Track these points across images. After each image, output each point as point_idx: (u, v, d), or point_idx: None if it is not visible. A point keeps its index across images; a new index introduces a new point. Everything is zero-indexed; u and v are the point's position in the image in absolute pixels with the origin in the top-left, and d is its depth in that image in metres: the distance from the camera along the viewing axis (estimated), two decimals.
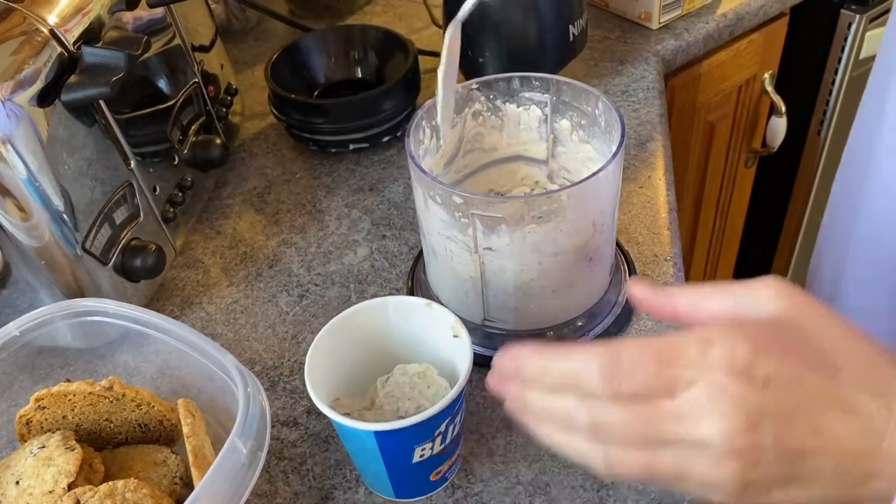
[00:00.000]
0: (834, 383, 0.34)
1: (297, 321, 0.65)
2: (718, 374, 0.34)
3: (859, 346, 0.36)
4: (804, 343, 0.35)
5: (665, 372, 0.34)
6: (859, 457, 0.34)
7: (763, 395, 0.33)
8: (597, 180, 0.51)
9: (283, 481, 0.54)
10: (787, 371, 0.34)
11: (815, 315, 0.37)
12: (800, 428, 0.34)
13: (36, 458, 0.48)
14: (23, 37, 0.54)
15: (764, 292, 0.37)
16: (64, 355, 0.58)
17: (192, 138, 0.73)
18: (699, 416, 0.34)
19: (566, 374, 0.36)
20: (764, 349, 0.34)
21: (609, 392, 0.35)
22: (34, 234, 0.56)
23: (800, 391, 0.34)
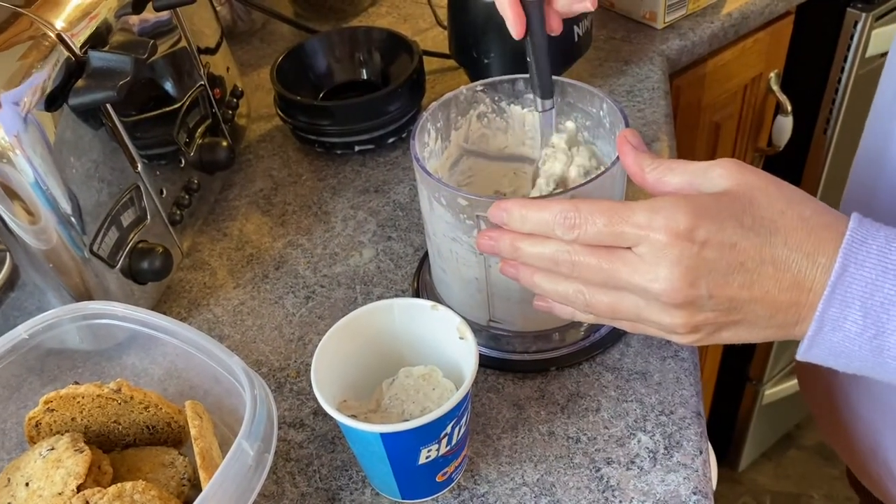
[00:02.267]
0: (768, 244, 0.40)
1: (304, 323, 0.66)
2: (660, 235, 0.40)
3: (801, 212, 0.41)
4: (746, 211, 0.41)
5: (615, 227, 0.42)
6: (789, 305, 0.41)
7: (699, 255, 0.40)
8: (602, 182, 0.51)
9: (289, 482, 0.54)
10: (722, 235, 0.40)
11: (763, 187, 0.42)
12: (734, 283, 0.41)
13: (45, 460, 0.48)
14: (30, 41, 0.54)
15: (718, 170, 0.43)
16: (72, 357, 0.58)
17: (198, 141, 0.73)
18: (647, 270, 0.41)
19: (539, 222, 0.44)
20: (703, 216, 0.40)
21: (571, 237, 0.43)
22: (42, 237, 0.56)
23: (734, 252, 0.40)
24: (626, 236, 0.42)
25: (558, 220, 0.43)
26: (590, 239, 0.43)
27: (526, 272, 0.48)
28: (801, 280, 0.40)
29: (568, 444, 0.54)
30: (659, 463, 0.52)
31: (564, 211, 0.43)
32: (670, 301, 0.41)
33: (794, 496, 1.70)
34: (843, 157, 1.27)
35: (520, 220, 0.45)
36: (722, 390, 1.58)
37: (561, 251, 0.44)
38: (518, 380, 0.59)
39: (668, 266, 0.41)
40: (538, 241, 0.45)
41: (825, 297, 0.40)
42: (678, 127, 1.01)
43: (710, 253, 0.40)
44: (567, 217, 0.43)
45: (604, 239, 0.42)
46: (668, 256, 0.40)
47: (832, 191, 1.32)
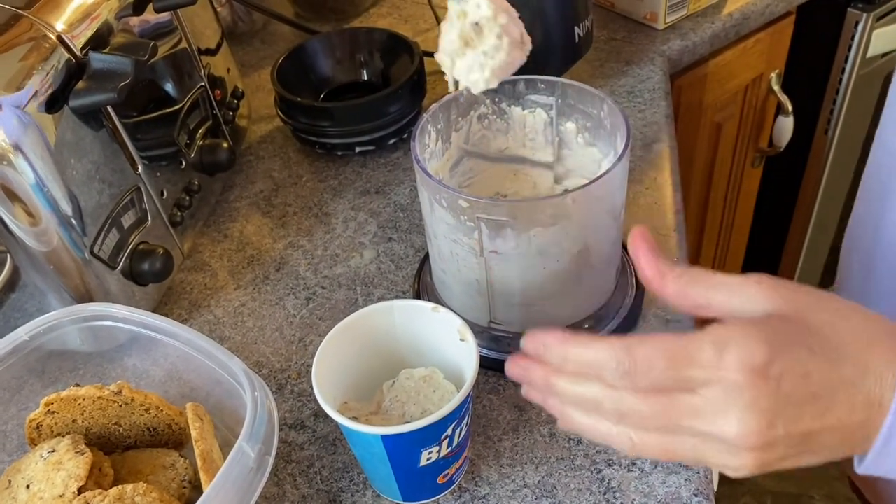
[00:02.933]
0: (836, 367, 0.37)
1: (305, 324, 0.66)
2: (734, 374, 0.36)
3: (855, 325, 0.38)
4: (807, 334, 0.38)
5: (680, 372, 0.37)
6: (859, 426, 0.38)
7: (777, 393, 0.36)
8: (602, 183, 0.51)
9: (291, 484, 0.54)
10: (796, 366, 0.36)
11: (810, 304, 0.39)
12: (809, 415, 0.37)
13: (46, 462, 0.48)
14: (31, 43, 0.54)
15: (754, 288, 0.39)
16: (73, 359, 0.58)
17: (199, 142, 0.73)
18: (717, 414, 0.36)
19: (585, 364, 0.39)
20: (776, 347, 0.36)
21: (625, 386, 0.38)
22: (43, 239, 0.56)
23: (808, 382, 0.36)
24: (693, 380, 0.37)
25: (610, 365, 0.38)
26: (648, 387, 0.38)
27: (555, 402, 0.42)
28: (870, 399, 0.37)
29: (569, 445, 0.54)
30: (660, 464, 0.52)
31: (616, 356, 0.37)
32: (744, 444, 0.37)
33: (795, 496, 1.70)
34: (843, 157, 1.27)
35: (560, 358, 0.40)
36: None
37: (606, 397, 0.39)
38: None
39: (744, 409, 0.36)
40: (577, 380, 0.40)
41: (892, 411, 0.37)
42: (679, 127, 1.01)
43: (787, 388, 0.36)
44: (620, 363, 0.37)
45: (665, 385, 0.37)
46: (744, 398, 0.36)
47: (833, 191, 1.33)
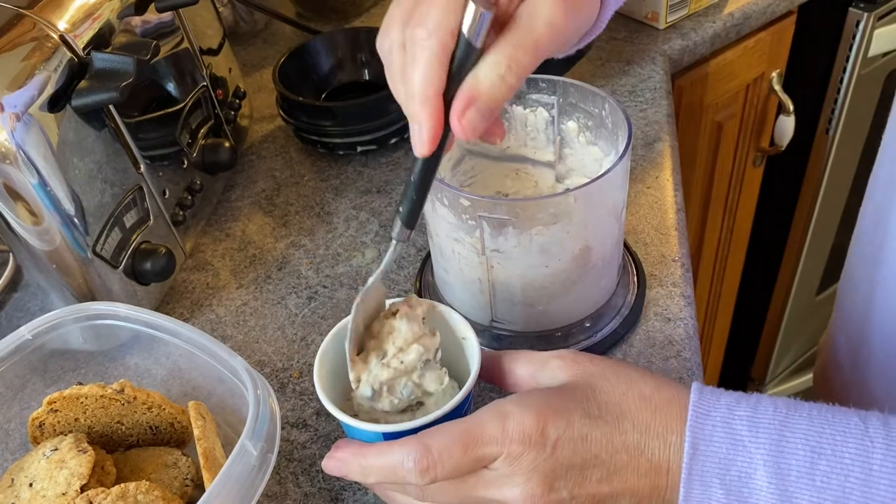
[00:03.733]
0: (618, 430, 0.40)
1: (306, 323, 0.66)
2: (514, 445, 0.39)
3: (641, 392, 0.41)
4: (589, 399, 0.41)
5: (472, 453, 0.40)
6: (651, 490, 0.40)
7: (554, 456, 0.39)
8: (604, 182, 0.51)
9: (293, 483, 0.55)
10: (572, 430, 0.39)
11: (600, 372, 0.42)
12: (593, 477, 0.39)
13: (49, 461, 0.48)
14: (33, 43, 0.54)
15: (555, 363, 0.43)
16: (75, 358, 0.59)
17: (201, 141, 0.73)
18: (504, 483, 0.40)
19: (385, 470, 0.42)
20: (549, 414, 0.40)
21: (427, 481, 0.40)
22: (45, 238, 0.56)
23: (587, 445, 0.39)
24: (486, 457, 0.40)
25: (408, 465, 0.40)
26: (449, 475, 0.40)
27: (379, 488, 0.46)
28: (657, 463, 0.39)
29: None
30: None
31: (412, 454, 0.40)
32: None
33: None
34: (845, 156, 1.27)
35: (360, 472, 0.43)
36: None
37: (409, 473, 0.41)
38: None
39: (525, 475, 0.39)
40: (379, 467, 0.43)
41: (684, 479, 0.38)
42: (680, 127, 1.02)
43: (563, 451, 0.39)
44: (418, 461, 0.40)
45: (464, 470, 0.40)
46: (523, 465, 0.39)
47: (834, 190, 1.32)
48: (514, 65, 0.39)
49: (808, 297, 1.53)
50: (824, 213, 1.35)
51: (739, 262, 1.41)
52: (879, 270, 0.57)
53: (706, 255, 1.30)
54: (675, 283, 0.63)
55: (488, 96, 0.39)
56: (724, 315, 1.48)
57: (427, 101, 0.40)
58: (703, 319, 1.42)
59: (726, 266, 1.37)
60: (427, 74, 0.40)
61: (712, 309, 1.42)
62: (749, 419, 0.39)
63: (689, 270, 0.65)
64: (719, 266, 1.35)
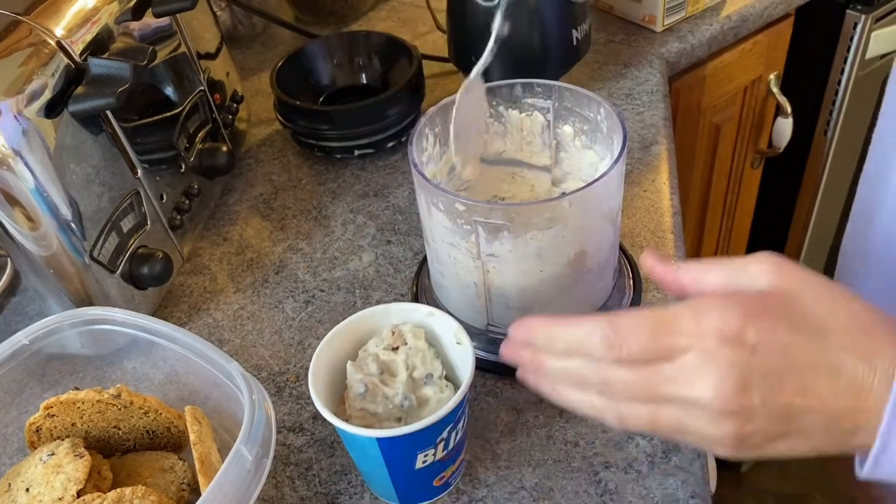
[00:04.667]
0: (821, 347, 0.37)
1: (303, 327, 0.66)
2: (710, 340, 0.37)
3: (850, 312, 0.38)
4: (795, 311, 0.38)
5: (661, 340, 0.38)
6: (845, 413, 0.37)
7: (751, 359, 0.37)
8: (599, 186, 0.51)
9: (289, 487, 0.55)
10: (775, 337, 0.37)
11: (808, 285, 0.39)
12: (787, 389, 0.37)
13: (45, 466, 0.48)
14: (30, 49, 0.55)
15: (757, 267, 0.40)
16: (73, 362, 0.59)
17: (198, 146, 0.73)
18: (693, 379, 0.37)
19: (571, 341, 0.40)
20: (753, 317, 0.37)
21: (610, 357, 0.39)
22: (43, 244, 0.57)
23: (787, 355, 0.37)
24: (673, 347, 0.38)
25: (594, 340, 0.39)
26: (633, 357, 0.39)
27: (547, 382, 0.43)
28: (858, 384, 0.37)
29: (566, 448, 0.54)
30: (657, 467, 0.52)
31: (601, 330, 0.39)
32: (720, 409, 0.37)
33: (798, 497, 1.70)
34: (843, 158, 1.27)
35: (546, 339, 0.42)
36: None
37: (590, 369, 0.40)
38: (516, 384, 0.58)
39: (718, 373, 0.37)
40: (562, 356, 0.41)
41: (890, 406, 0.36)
42: (678, 130, 1.02)
43: (763, 356, 0.37)
44: (605, 337, 0.39)
45: (648, 355, 0.38)
46: (718, 362, 0.37)
47: (832, 192, 1.33)
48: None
49: None
50: (822, 214, 1.35)
51: None
52: (867, 271, 0.58)
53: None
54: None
55: None
56: None
57: None
58: None
59: None
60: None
61: None
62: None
63: None
64: None
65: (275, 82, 0.81)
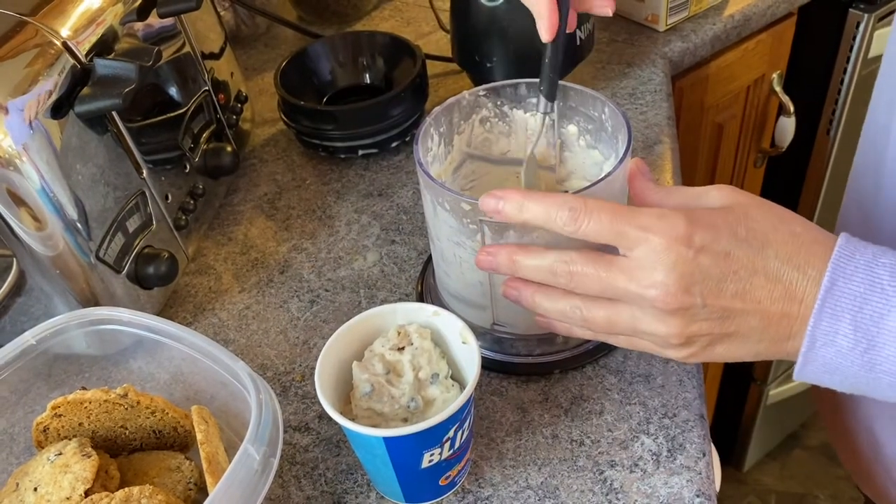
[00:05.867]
0: (760, 255, 0.41)
1: (308, 326, 0.66)
2: (660, 238, 0.41)
3: (792, 228, 0.42)
4: (741, 223, 0.42)
5: (619, 225, 0.42)
6: (781, 317, 0.41)
7: (695, 261, 0.41)
8: (604, 185, 0.51)
9: (295, 486, 0.55)
10: (717, 244, 0.41)
11: (757, 205, 0.44)
12: (727, 292, 0.41)
13: (53, 465, 0.49)
14: (36, 49, 0.55)
15: (714, 193, 0.45)
16: (79, 362, 0.59)
17: (203, 146, 0.74)
18: (642, 275, 0.42)
19: (540, 213, 0.44)
20: (700, 225, 0.41)
21: (572, 230, 0.44)
22: (49, 244, 0.57)
23: (728, 261, 0.41)
24: (627, 236, 0.42)
25: (562, 212, 0.43)
26: (590, 233, 0.43)
27: (526, 292, 0.49)
28: (792, 291, 0.41)
29: (572, 447, 0.54)
30: (662, 465, 0.52)
31: (569, 202, 0.43)
32: (665, 307, 0.42)
33: (799, 496, 1.70)
34: (846, 157, 1.27)
35: (517, 207, 0.45)
36: (727, 390, 1.58)
37: (558, 261, 0.45)
38: (522, 383, 0.59)
39: (664, 271, 0.41)
40: (535, 253, 0.46)
41: (816, 310, 0.40)
42: (681, 129, 1.02)
43: (705, 260, 0.41)
44: (572, 209, 0.43)
45: (604, 236, 0.43)
46: (664, 261, 0.41)
47: (835, 191, 1.32)
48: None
49: None
50: (826, 213, 1.35)
51: None
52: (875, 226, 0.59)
53: None
54: None
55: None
56: None
57: None
58: None
59: None
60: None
61: None
62: (892, 266, 0.40)
63: None
64: None
65: (278, 82, 0.82)
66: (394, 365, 0.51)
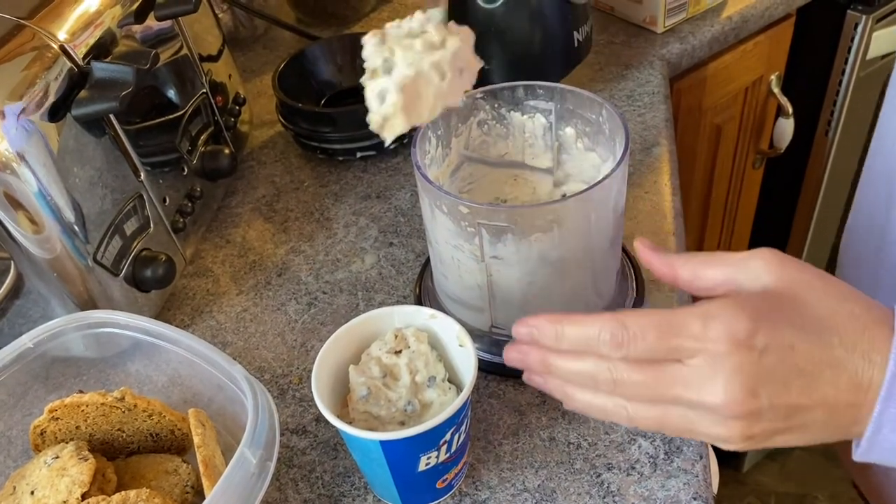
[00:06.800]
0: (824, 346, 0.38)
1: (306, 329, 0.66)
2: (719, 344, 0.38)
3: (851, 309, 0.39)
4: (797, 310, 0.39)
5: (669, 341, 0.39)
6: (847, 407, 0.39)
7: (760, 363, 0.38)
8: (602, 188, 0.51)
9: (292, 489, 0.55)
10: (781, 339, 0.38)
11: (809, 283, 0.40)
12: (794, 389, 0.38)
13: (50, 469, 0.49)
14: (33, 53, 0.55)
15: (758, 263, 0.41)
16: (77, 365, 0.59)
17: (200, 148, 0.74)
18: (703, 384, 0.38)
19: (580, 339, 0.41)
20: (760, 320, 0.38)
21: (619, 356, 0.40)
22: (46, 247, 0.57)
23: (793, 355, 0.38)
24: (681, 350, 0.39)
25: (603, 337, 0.40)
26: (640, 356, 0.39)
27: (556, 383, 0.44)
28: (858, 381, 0.38)
29: (569, 449, 0.54)
30: (659, 468, 0.52)
31: (610, 328, 0.40)
32: (729, 413, 0.39)
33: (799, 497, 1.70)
34: (844, 158, 1.27)
35: (554, 337, 0.42)
36: None
37: (601, 369, 0.41)
38: (519, 386, 0.59)
39: (727, 377, 0.38)
40: (573, 357, 0.42)
41: (882, 397, 0.38)
42: (679, 130, 1.02)
43: (770, 359, 0.38)
44: (614, 335, 0.39)
45: (656, 355, 0.39)
46: (727, 367, 0.38)
47: (834, 192, 1.33)
48: None
49: None
50: (824, 215, 1.35)
51: None
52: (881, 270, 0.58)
53: None
54: (673, 289, 0.63)
55: None
56: None
57: None
58: None
59: None
60: None
61: None
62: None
63: None
64: None
65: (277, 84, 0.82)
66: (390, 368, 0.51)
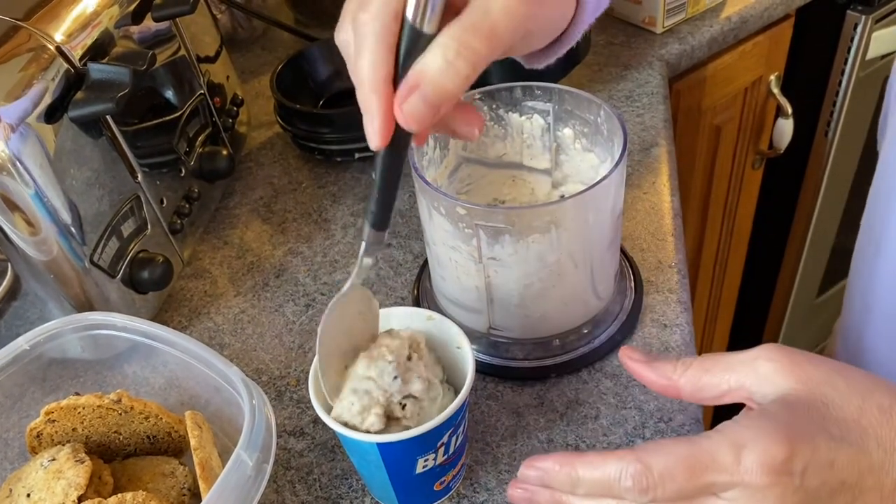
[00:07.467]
0: (863, 451, 0.36)
1: (304, 331, 0.66)
2: (755, 476, 0.34)
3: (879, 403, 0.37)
4: (827, 417, 0.36)
5: (700, 479, 0.35)
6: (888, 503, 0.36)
7: (802, 488, 0.35)
8: (600, 188, 0.51)
9: (290, 491, 0.55)
10: (819, 457, 0.35)
11: (830, 382, 0.37)
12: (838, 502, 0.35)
13: (46, 471, 0.48)
14: (30, 54, 0.55)
15: (767, 367, 0.38)
16: (74, 367, 0.59)
17: (198, 150, 0.73)
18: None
19: (598, 483, 0.37)
20: (794, 441, 0.35)
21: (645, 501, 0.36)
22: (43, 248, 0.57)
23: (833, 471, 0.35)
24: (715, 485, 0.35)
25: (625, 483, 0.36)
26: (671, 499, 0.36)
27: None
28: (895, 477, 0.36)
29: (567, 451, 0.54)
30: None
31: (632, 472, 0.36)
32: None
33: None
34: (844, 158, 1.27)
35: (569, 483, 0.38)
36: None
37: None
38: (517, 387, 0.59)
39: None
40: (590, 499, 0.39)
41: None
42: (679, 131, 1.02)
43: (812, 481, 0.35)
44: (637, 480, 0.36)
45: (687, 496, 0.36)
46: (770, 499, 0.35)
47: (833, 193, 1.33)
48: (465, 49, 0.36)
49: (808, 300, 1.53)
50: (824, 215, 1.35)
51: (739, 266, 1.40)
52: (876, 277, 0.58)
53: (706, 259, 1.30)
54: (671, 290, 0.63)
55: (433, 82, 0.37)
56: (725, 318, 1.48)
57: (375, 87, 0.38)
58: (702, 323, 1.42)
59: (726, 269, 1.37)
60: (372, 59, 0.38)
61: (712, 312, 1.42)
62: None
63: (685, 276, 0.65)
64: (719, 269, 1.35)
65: (275, 85, 0.81)
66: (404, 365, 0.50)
